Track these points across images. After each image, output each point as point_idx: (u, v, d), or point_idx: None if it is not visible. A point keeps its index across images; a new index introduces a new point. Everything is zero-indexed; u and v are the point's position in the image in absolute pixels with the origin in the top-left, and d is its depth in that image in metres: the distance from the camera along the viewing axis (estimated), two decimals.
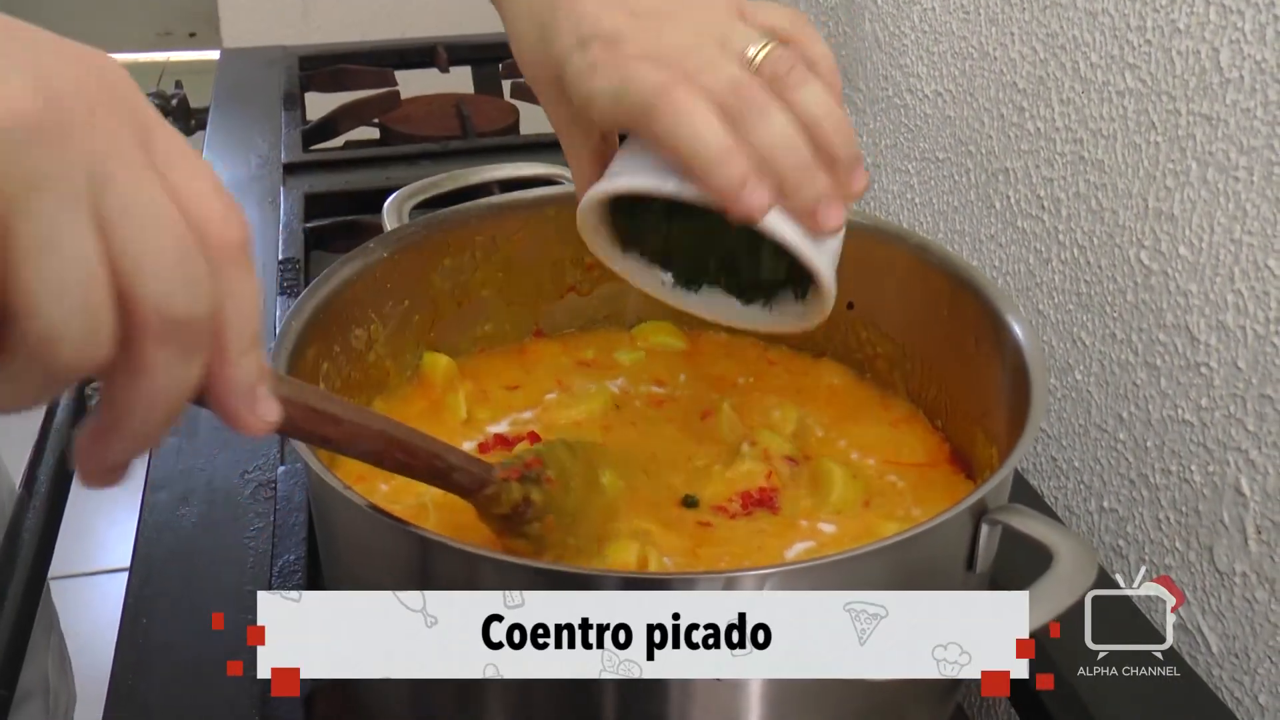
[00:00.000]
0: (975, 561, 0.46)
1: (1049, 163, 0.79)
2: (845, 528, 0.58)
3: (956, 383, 0.63)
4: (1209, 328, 0.66)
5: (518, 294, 0.72)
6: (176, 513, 0.74)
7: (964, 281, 0.60)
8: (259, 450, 0.78)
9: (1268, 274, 0.61)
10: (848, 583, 0.44)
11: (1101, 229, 0.74)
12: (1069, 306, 0.78)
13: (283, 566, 0.68)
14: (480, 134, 1.26)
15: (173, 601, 0.67)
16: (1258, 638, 0.64)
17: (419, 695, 0.51)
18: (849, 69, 1.08)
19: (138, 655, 0.63)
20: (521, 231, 0.70)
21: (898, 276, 0.65)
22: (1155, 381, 0.70)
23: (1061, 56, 0.76)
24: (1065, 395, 0.79)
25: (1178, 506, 0.69)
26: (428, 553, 0.46)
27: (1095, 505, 0.77)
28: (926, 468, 0.62)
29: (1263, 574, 0.63)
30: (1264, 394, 0.62)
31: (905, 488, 0.61)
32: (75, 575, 1.79)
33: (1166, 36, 0.67)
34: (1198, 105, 0.65)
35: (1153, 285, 0.70)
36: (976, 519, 0.46)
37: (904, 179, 1.00)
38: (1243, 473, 0.64)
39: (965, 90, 0.88)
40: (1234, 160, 0.63)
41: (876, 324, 0.68)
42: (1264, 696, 0.64)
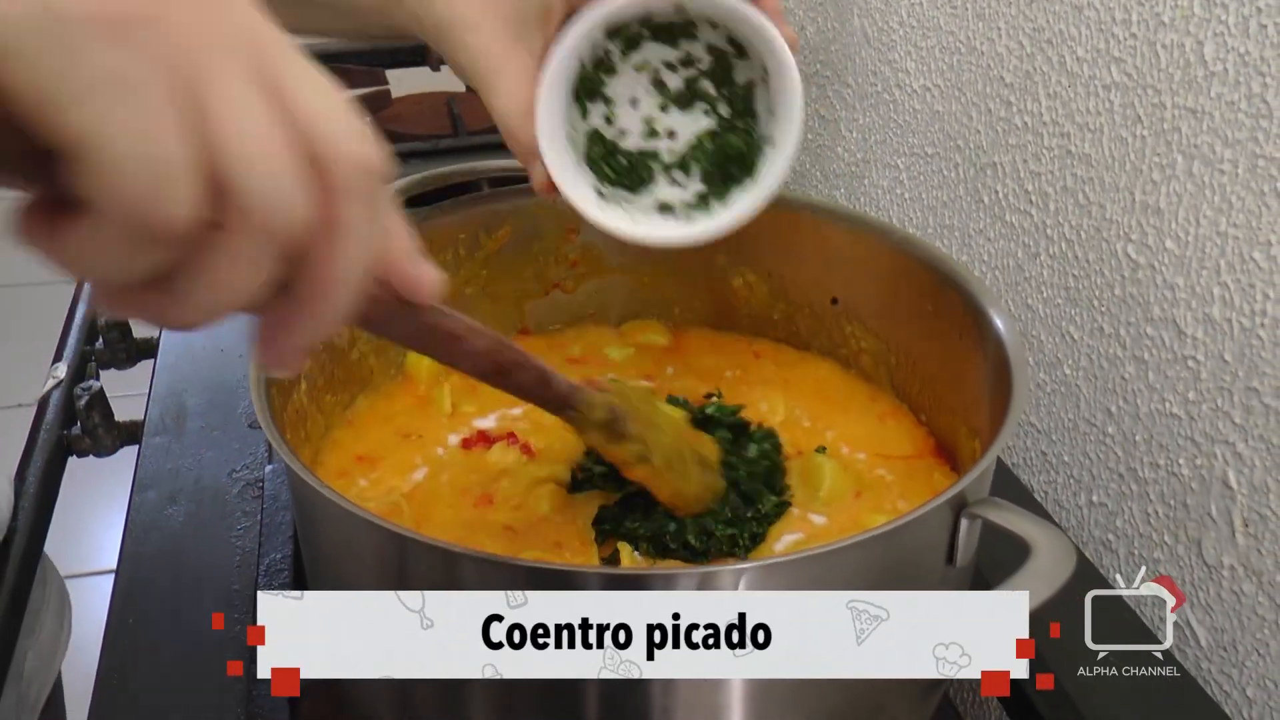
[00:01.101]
0: (955, 555, 0.46)
1: (1036, 157, 0.79)
2: (835, 519, 0.58)
3: (940, 377, 0.63)
4: (1196, 321, 0.65)
5: (502, 291, 0.72)
6: (164, 512, 0.74)
7: (947, 276, 0.60)
8: (246, 449, 0.78)
9: (1253, 266, 0.61)
10: (827, 577, 0.44)
11: (1089, 223, 0.74)
12: (1057, 301, 0.78)
13: (270, 565, 0.68)
14: (471, 132, 1.26)
15: (160, 601, 0.67)
16: (1246, 630, 0.64)
17: (407, 694, 0.50)
18: (838, 64, 1.07)
19: (124, 655, 0.63)
20: (504, 229, 0.70)
21: (881, 271, 0.65)
22: (1143, 375, 0.70)
23: (1048, 51, 0.76)
24: (1054, 390, 0.79)
25: (1166, 500, 0.69)
26: (406, 551, 0.46)
27: (1085, 499, 0.77)
28: (913, 459, 0.62)
29: (1250, 567, 0.63)
30: (1250, 387, 0.62)
31: (893, 480, 0.61)
32: (65, 577, 1.79)
33: (1151, 30, 0.67)
34: (1183, 98, 0.65)
35: (1140, 279, 0.70)
36: (956, 512, 0.46)
37: (893, 174, 0.99)
38: (1230, 466, 0.64)
39: (953, 85, 0.88)
40: (1219, 153, 0.62)
41: (861, 319, 0.68)
42: (1252, 689, 0.64)
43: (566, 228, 0.70)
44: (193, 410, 0.83)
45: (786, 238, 0.69)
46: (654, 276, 0.73)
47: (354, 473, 0.59)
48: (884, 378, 0.68)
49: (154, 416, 0.83)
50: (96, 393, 0.87)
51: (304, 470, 0.47)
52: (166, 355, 0.89)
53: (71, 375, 0.91)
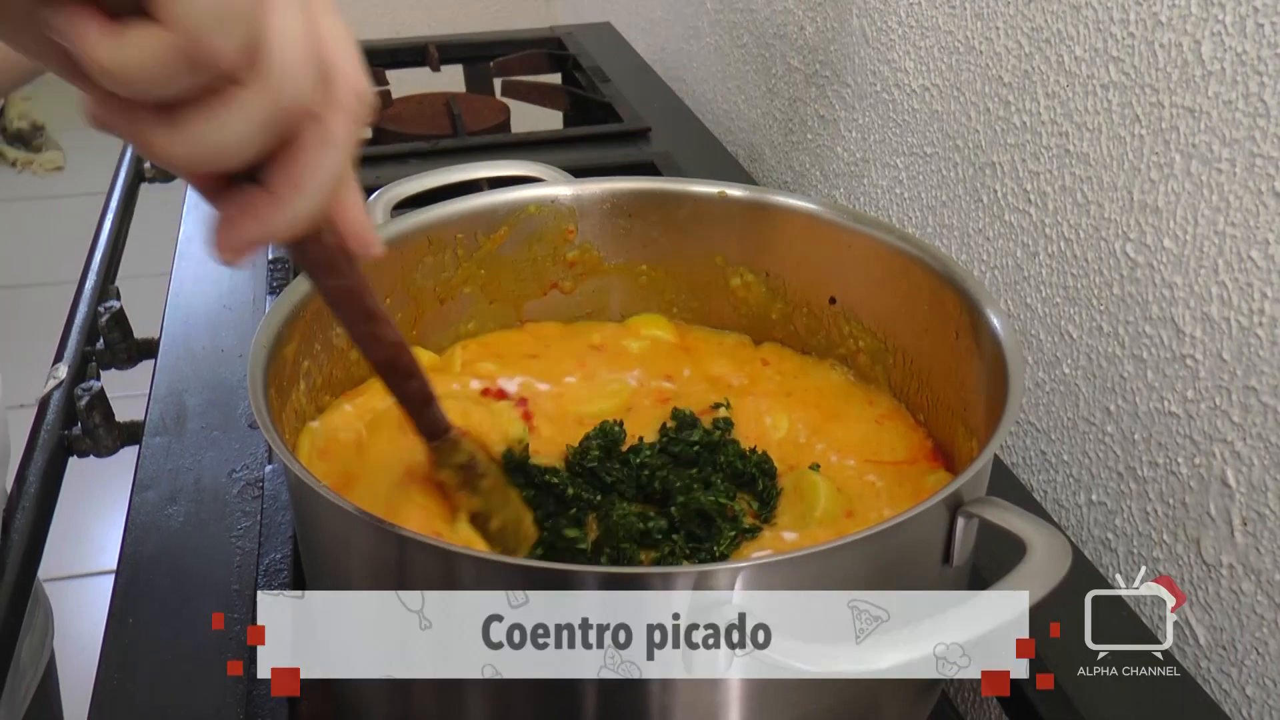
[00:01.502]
0: (952, 555, 0.46)
1: (1035, 156, 0.79)
2: (827, 539, 0.57)
3: (938, 377, 0.63)
4: (1194, 319, 0.66)
5: (500, 291, 0.72)
6: (164, 512, 0.74)
7: (944, 275, 0.60)
8: (246, 449, 0.78)
9: (1251, 265, 0.61)
10: (825, 576, 0.44)
11: (1087, 222, 0.74)
12: (1056, 300, 0.78)
13: (269, 565, 0.69)
14: (471, 132, 1.26)
15: (160, 601, 0.67)
16: (1245, 629, 0.64)
17: (406, 695, 0.51)
18: (837, 64, 1.08)
19: (124, 655, 0.63)
20: (503, 229, 0.70)
21: (879, 270, 0.65)
22: (1142, 374, 0.70)
23: (1046, 50, 0.76)
24: (1053, 389, 0.79)
25: (1165, 499, 0.69)
26: (405, 551, 0.46)
27: (1084, 498, 0.77)
28: (905, 465, 0.62)
29: (1249, 565, 0.63)
30: (1248, 385, 0.62)
31: (883, 487, 0.61)
32: (66, 577, 1.80)
33: (1149, 29, 0.67)
34: (1181, 98, 0.65)
35: (1138, 278, 0.70)
36: (952, 511, 0.46)
37: (892, 174, 0.99)
38: (1228, 464, 0.64)
39: (952, 85, 0.88)
40: (1217, 152, 0.63)
41: (859, 318, 0.68)
42: (1251, 688, 0.64)
43: (565, 228, 0.71)
44: (193, 411, 0.83)
45: (784, 237, 0.69)
46: (652, 277, 0.73)
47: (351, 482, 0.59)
48: (881, 377, 0.68)
49: (154, 417, 0.83)
50: (97, 393, 0.87)
51: (302, 470, 0.47)
52: (167, 356, 0.89)
53: (72, 376, 0.91)
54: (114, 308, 0.99)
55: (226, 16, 0.30)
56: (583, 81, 1.42)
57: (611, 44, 1.59)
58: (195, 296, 0.97)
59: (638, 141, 1.24)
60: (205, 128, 0.32)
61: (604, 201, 0.70)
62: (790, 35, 1.17)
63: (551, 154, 1.17)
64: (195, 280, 0.99)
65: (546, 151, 1.21)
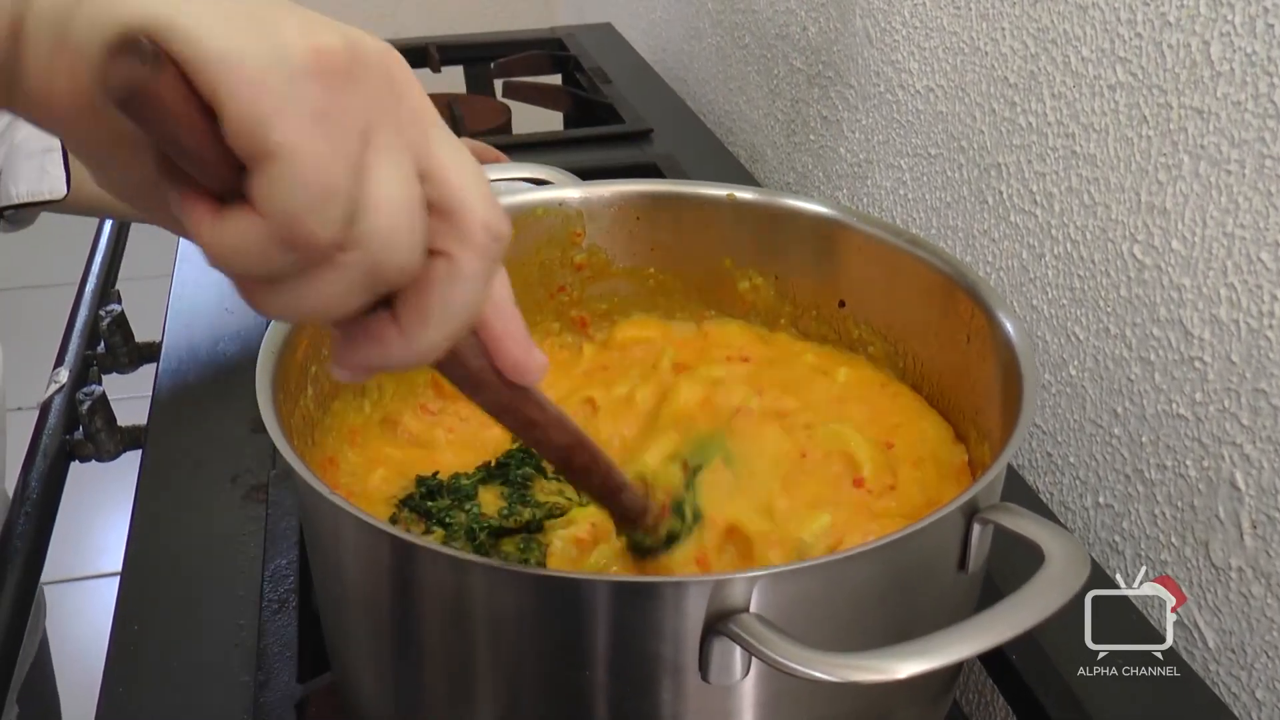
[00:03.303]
0: (967, 562, 0.46)
1: (1041, 158, 0.79)
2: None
3: (949, 380, 0.63)
4: (1202, 322, 0.65)
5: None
6: (168, 517, 0.74)
7: (955, 278, 0.60)
8: (250, 454, 0.78)
9: (1260, 267, 0.61)
10: (838, 585, 0.44)
11: (1094, 224, 0.74)
12: (1063, 301, 0.78)
13: (274, 570, 0.68)
14: (472, 133, 1.26)
15: (165, 606, 0.67)
16: (1254, 633, 0.64)
17: (411, 696, 0.50)
18: (840, 65, 1.07)
19: (129, 660, 0.63)
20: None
21: (889, 273, 0.64)
22: (1149, 376, 0.70)
23: (1053, 51, 0.76)
24: (1060, 391, 0.79)
25: (1173, 502, 0.69)
26: (414, 558, 0.46)
27: (1091, 501, 0.77)
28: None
29: (1259, 569, 0.63)
30: (1258, 388, 0.62)
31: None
32: (66, 580, 1.79)
33: (1157, 30, 0.66)
34: (1189, 99, 0.65)
35: (1146, 280, 0.70)
36: (968, 518, 0.45)
37: (897, 175, 0.99)
38: (1237, 467, 0.64)
39: (957, 85, 0.88)
40: (1225, 153, 0.62)
41: (869, 321, 0.67)
42: (1261, 691, 0.64)
43: (572, 231, 0.70)
44: (195, 415, 0.83)
45: (794, 240, 0.68)
46: (660, 280, 0.73)
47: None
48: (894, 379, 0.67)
49: (157, 421, 0.82)
50: (99, 397, 0.87)
51: (312, 477, 0.47)
52: (169, 360, 0.89)
53: (73, 380, 0.90)
54: (115, 311, 0.99)
55: (322, 199, 0.30)
56: (584, 82, 1.42)
57: (612, 45, 1.59)
58: (197, 299, 0.97)
59: (640, 143, 1.24)
60: (304, 290, 0.32)
61: (612, 204, 0.70)
62: (793, 36, 1.17)
63: (553, 155, 1.17)
64: (197, 283, 0.99)
65: (548, 153, 1.20)
